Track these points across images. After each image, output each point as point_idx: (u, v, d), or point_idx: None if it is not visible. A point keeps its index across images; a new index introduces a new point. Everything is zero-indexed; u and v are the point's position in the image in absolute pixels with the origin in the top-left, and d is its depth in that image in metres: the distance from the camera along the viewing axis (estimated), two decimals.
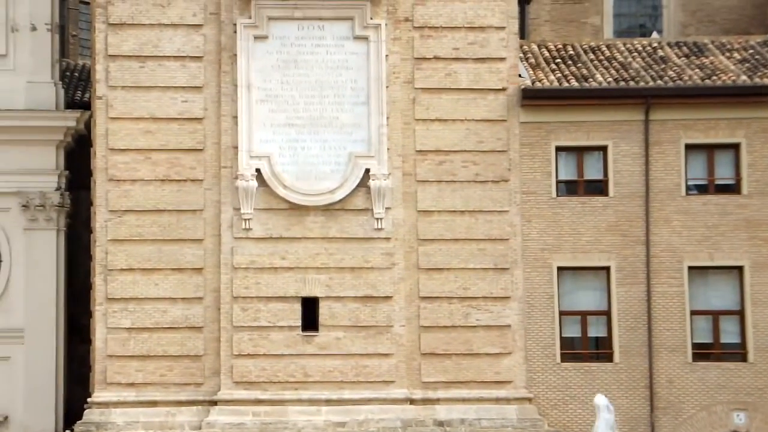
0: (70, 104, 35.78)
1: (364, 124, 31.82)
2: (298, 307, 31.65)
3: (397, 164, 31.88)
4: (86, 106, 35.10)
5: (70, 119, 35.09)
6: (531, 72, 33.47)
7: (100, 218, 31.86)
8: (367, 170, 31.66)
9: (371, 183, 31.64)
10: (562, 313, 32.48)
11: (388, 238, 31.76)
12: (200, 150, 31.85)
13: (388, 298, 31.64)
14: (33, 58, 35.20)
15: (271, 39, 31.83)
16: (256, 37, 31.71)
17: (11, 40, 35.21)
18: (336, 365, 31.54)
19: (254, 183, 31.54)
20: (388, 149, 31.74)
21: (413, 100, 32.08)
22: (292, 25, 31.85)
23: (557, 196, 32.62)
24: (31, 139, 35.00)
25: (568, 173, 32.97)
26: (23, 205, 35.11)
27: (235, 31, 31.65)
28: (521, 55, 33.80)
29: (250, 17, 31.63)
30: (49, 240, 35.16)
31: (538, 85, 32.93)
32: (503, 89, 32.23)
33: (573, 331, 32.72)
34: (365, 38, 31.84)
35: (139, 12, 31.82)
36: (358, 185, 31.69)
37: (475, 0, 32.06)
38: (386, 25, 31.83)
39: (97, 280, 31.82)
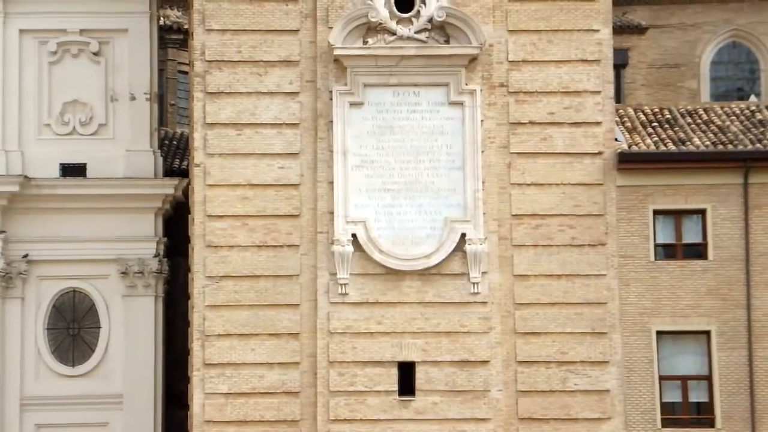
0: (169, 172, 36.26)
1: (459, 189, 31.74)
2: (394, 371, 31.42)
3: (493, 228, 31.69)
4: (184, 173, 35.62)
5: (169, 187, 35.56)
6: (627, 136, 33.26)
7: (197, 284, 31.93)
8: (463, 234, 31.51)
9: (467, 247, 31.47)
10: (661, 378, 31.93)
11: (484, 302, 31.51)
12: (296, 216, 31.90)
13: (485, 362, 31.32)
14: (132, 127, 35.77)
15: (367, 105, 31.96)
16: (351, 104, 31.87)
17: (111, 110, 35.85)
18: (433, 430, 31.22)
19: (350, 248, 31.52)
20: (483, 213, 31.58)
21: (509, 164, 31.98)
22: (387, 92, 31.99)
23: (655, 259, 32.18)
24: (131, 207, 35.48)
25: (666, 236, 32.57)
26: (122, 272, 35.51)
27: (331, 98, 31.82)
28: (617, 119, 33.59)
29: (345, 84, 31.81)
30: (148, 306, 35.53)
31: (635, 148, 32.66)
32: (599, 153, 32.03)
33: (673, 396, 32.12)
34: (460, 104, 31.86)
35: (237, 81, 32.10)
36: (454, 249, 31.52)
37: (570, 65, 32.01)
38: (481, 90, 31.83)
39: (195, 346, 31.85)
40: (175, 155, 37.55)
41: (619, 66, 36.55)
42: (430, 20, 31.78)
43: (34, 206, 35.44)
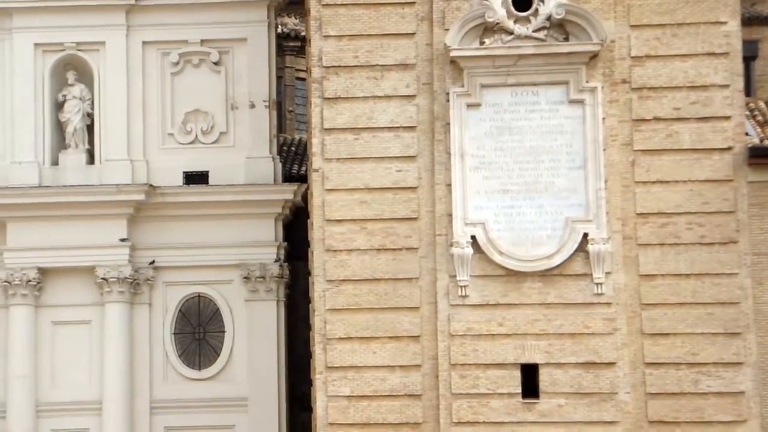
0: (288, 177, 35.05)
1: (580, 189, 29.49)
2: (517, 373, 29.35)
3: (617, 228, 29.36)
4: (303, 179, 34.29)
5: (288, 192, 34.29)
6: (759, 130, 30.80)
7: (318, 288, 30.30)
8: (585, 235, 29.22)
9: (590, 247, 29.19)
10: None
11: (609, 303, 29.17)
12: (415, 218, 30.08)
13: (611, 364, 28.99)
14: (252, 135, 34.57)
15: (484, 106, 29.91)
16: (468, 105, 29.84)
17: (231, 118, 34.67)
18: None
19: (470, 250, 29.53)
20: (606, 213, 29.27)
21: (632, 162, 29.56)
22: (505, 92, 29.89)
23: None
24: (251, 213, 34.29)
25: None
26: (245, 277, 34.35)
27: (448, 100, 29.89)
28: (747, 112, 31.08)
29: (462, 86, 29.82)
30: (270, 310, 34.27)
31: (767, 142, 30.10)
32: (729, 148, 29.43)
33: None
34: (581, 102, 29.58)
35: (354, 86, 30.39)
36: (576, 250, 29.30)
37: (696, 59, 29.51)
38: (602, 87, 29.54)
39: (317, 349, 30.24)
40: (293, 161, 36.52)
41: (749, 58, 33.87)
42: (549, 18, 29.63)
43: (159, 214, 34.46)
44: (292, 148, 37.33)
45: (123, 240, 34.14)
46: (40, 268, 34.16)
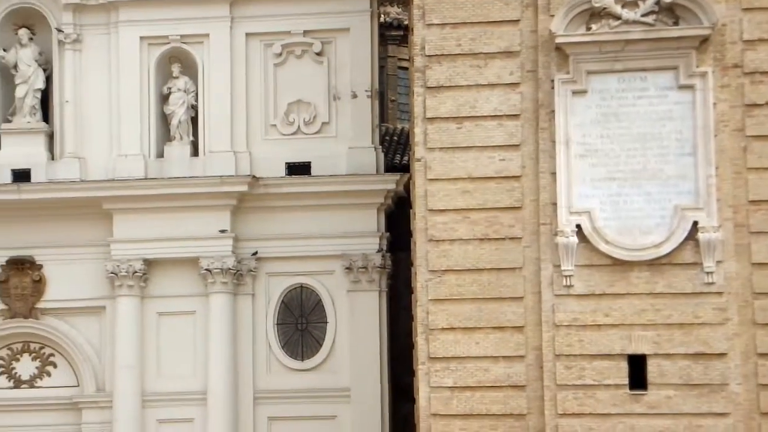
0: (390, 167, 34.83)
1: (690, 176, 28.69)
2: (624, 365, 28.64)
3: (728, 215, 28.46)
4: (405, 168, 33.98)
5: (390, 182, 34.04)
6: None
7: (420, 278, 29.93)
8: (695, 223, 28.43)
9: (700, 236, 28.38)
10: None
11: (720, 293, 28.31)
12: (518, 208, 29.54)
13: (722, 355, 28.14)
14: (354, 125, 34.37)
15: (590, 93, 29.27)
16: (574, 92, 29.25)
17: (333, 108, 34.52)
18: (667, 425, 28.24)
19: (575, 239, 28.92)
20: (717, 200, 28.44)
21: (744, 148, 28.63)
22: (612, 78, 29.20)
23: None
24: (354, 203, 34.11)
25: None
26: (347, 268, 34.18)
27: (553, 88, 29.31)
28: None
29: (568, 72, 29.22)
30: (372, 301, 34.09)
31: None
32: None
33: None
34: (691, 87, 28.76)
35: (457, 74, 29.97)
36: (686, 238, 28.49)
37: None
38: (713, 72, 28.71)
39: (419, 340, 29.89)
40: (396, 151, 36.35)
41: None
42: (658, 2, 28.84)
43: (261, 205, 34.40)
44: (395, 138, 37.18)
45: (222, 231, 34.20)
46: (145, 259, 34.43)
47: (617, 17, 29.05)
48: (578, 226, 28.98)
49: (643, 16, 28.95)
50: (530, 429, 29.04)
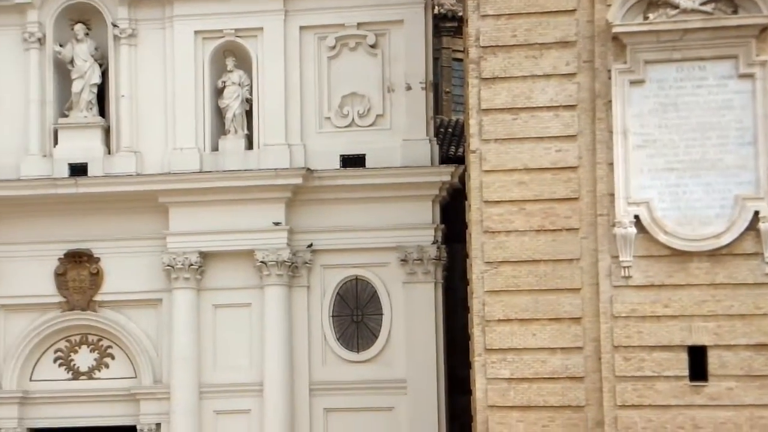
0: (444, 159, 34.66)
1: (750, 166, 28.32)
2: (684, 356, 28.35)
3: None
4: (459, 160, 33.82)
5: (445, 174, 33.91)
6: None
7: (476, 270, 29.75)
8: (756, 212, 28.06)
9: (761, 226, 27.99)
10: None
11: None
12: (575, 199, 29.29)
13: None
14: (408, 117, 34.29)
15: (648, 83, 28.95)
16: (631, 82, 28.93)
17: (388, 101, 34.47)
18: (729, 416, 27.92)
19: (633, 230, 28.62)
20: None
21: None
22: (670, 68, 28.85)
23: None
24: (408, 195, 34.05)
25: None
26: (402, 260, 34.12)
27: (610, 78, 28.99)
28: None
29: (625, 62, 28.90)
30: (428, 293, 34.00)
31: None
32: None
33: None
34: (751, 76, 28.38)
35: (512, 65, 29.73)
36: (747, 228, 28.12)
37: None
38: None
39: (476, 331, 29.70)
40: (450, 142, 36.07)
41: None
42: None
43: (316, 197, 34.44)
44: (449, 130, 36.89)
45: (277, 223, 34.26)
46: (201, 252, 34.59)
47: (675, 6, 28.68)
48: (636, 217, 28.69)
49: (701, 4, 28.57)
50: (589, 421, 28.81)
